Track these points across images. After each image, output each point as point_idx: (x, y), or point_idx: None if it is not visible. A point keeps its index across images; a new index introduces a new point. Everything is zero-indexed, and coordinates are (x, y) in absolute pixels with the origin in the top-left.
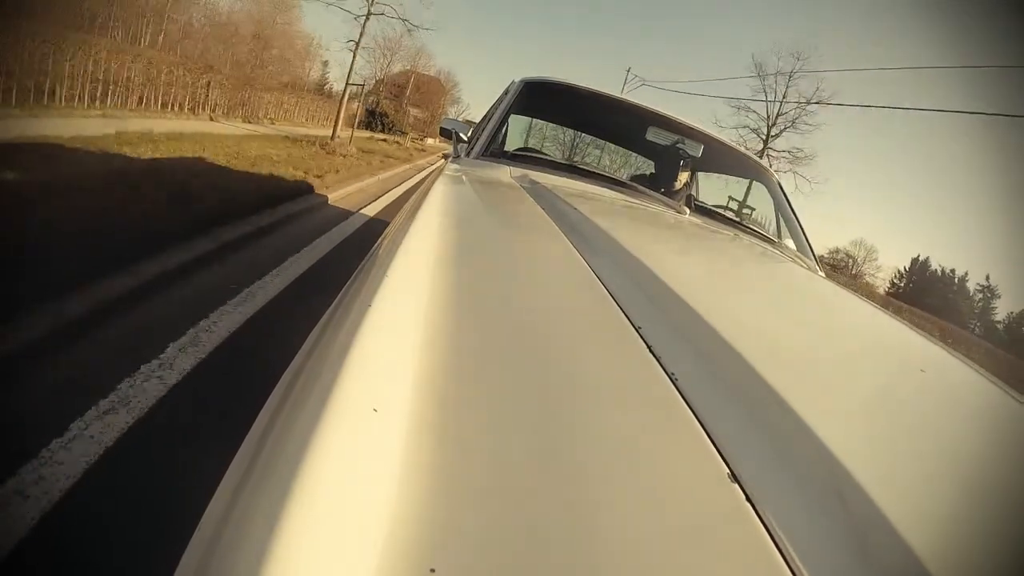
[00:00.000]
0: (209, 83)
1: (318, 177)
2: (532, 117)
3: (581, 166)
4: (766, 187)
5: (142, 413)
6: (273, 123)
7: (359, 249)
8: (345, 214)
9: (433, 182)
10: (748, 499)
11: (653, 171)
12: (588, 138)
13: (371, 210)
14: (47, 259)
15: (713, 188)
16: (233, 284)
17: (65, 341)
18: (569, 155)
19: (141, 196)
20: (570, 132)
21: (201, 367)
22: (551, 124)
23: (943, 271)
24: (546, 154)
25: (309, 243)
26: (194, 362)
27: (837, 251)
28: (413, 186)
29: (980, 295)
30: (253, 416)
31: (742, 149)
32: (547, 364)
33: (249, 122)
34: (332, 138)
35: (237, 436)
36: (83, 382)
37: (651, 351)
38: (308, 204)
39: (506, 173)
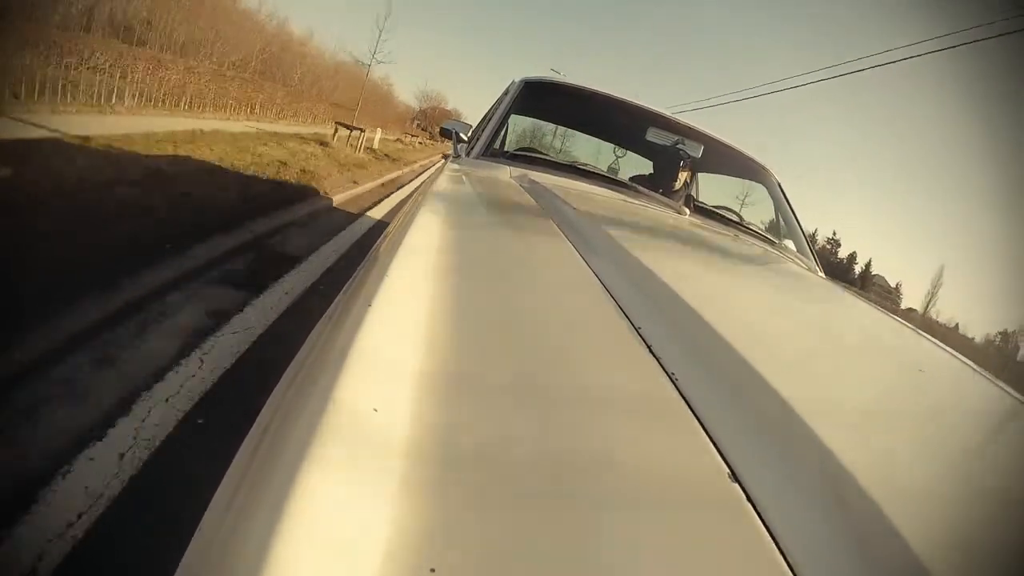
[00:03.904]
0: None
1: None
2: (532, 117)
3: (581, 166)
4: (766, 187)
5: None
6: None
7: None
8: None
9: (432, 181)
10: (748, 499)
11: (653, 171)
12: (588, 138)
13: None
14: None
15: (713, 188)
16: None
17: None
18: (569, 155)
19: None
20: (570, 132)
21: None
22: (551, 124)
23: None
24: (546, 154)
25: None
26: None
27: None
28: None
29: (828, 245)
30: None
31: (742, 149)
32: (547, 364)
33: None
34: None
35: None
36: None
37: (651, 351)
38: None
39: (506, 173)
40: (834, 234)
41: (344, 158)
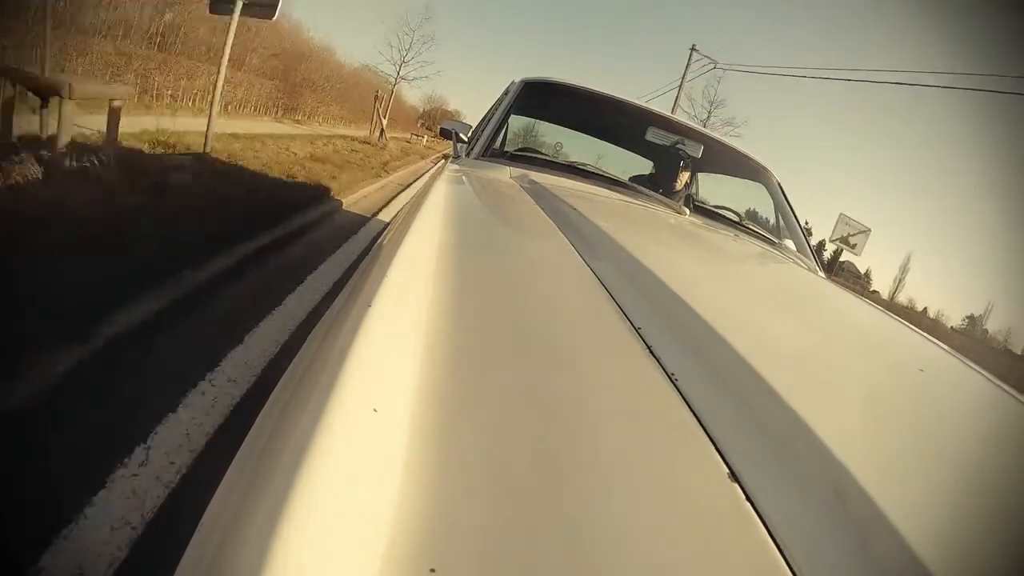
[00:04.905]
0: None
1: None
2: (532, 117)
3: (581, 166)
4: (766, 187)
5: None
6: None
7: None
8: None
9: (433, 181)
10: (748, 499)
11: (653, 171)
12: (588, 138)
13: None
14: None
15: (713, 188)
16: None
17: None
18: (569, 155)
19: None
20: (570, 132)
21: None
22: (551, 124)
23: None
24: (546, 154)
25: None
26: None
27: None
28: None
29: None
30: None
31: (742, 149)
32: (547, 364)
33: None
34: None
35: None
36: None
37: (651, 351)
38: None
39: (506, 173)
40: (806, 223)
41: (419, 147)
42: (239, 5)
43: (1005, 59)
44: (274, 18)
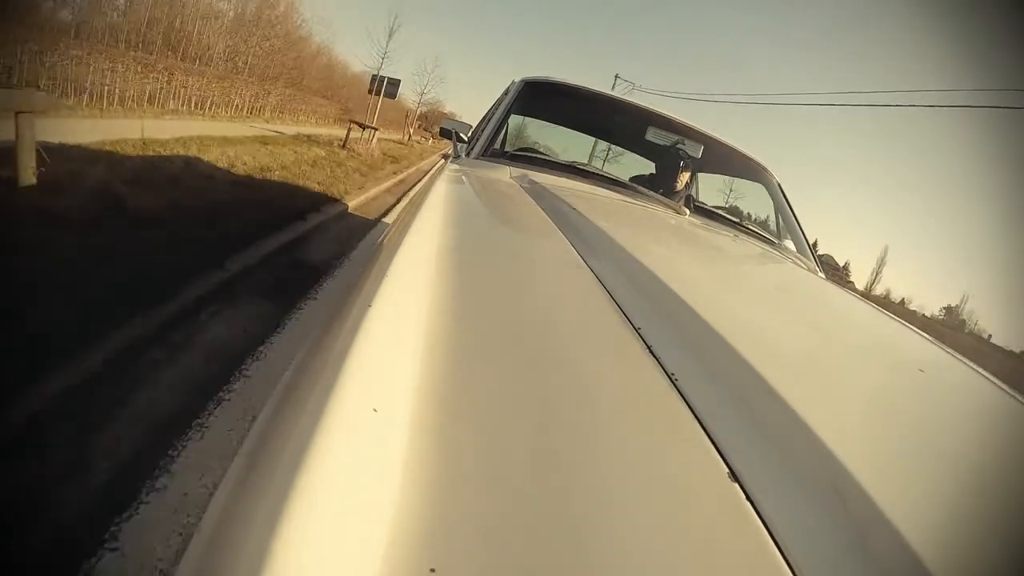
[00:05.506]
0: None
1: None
2: (532, 117)
3: (581, 166)
4: (766, 188)
5: None
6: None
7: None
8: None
9: (433, 181)
10: (748, 499)
11: (653, 171)
12: (588, 138)
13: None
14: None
15: (713, 188)
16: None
17: None
18: (569, 155)
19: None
20: (570, 132)
21: None
22: (552, 124)
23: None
24: (546, 154)
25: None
26: None
27: None
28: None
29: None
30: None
31: (742, 150)
32: (547, 364)
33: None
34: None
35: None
36: None
37: (651, 351)
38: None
39: (506, 173)
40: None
41: (428, 146)
42: (383, 92)
43: (966, 65)
44: (396, 98)
